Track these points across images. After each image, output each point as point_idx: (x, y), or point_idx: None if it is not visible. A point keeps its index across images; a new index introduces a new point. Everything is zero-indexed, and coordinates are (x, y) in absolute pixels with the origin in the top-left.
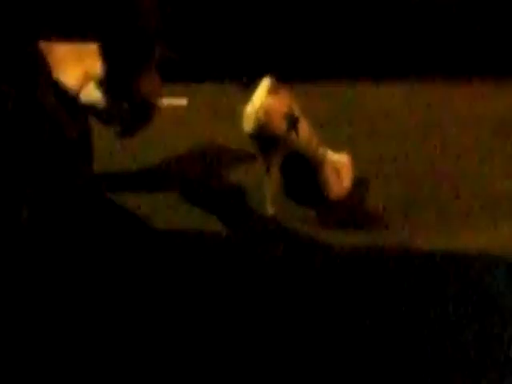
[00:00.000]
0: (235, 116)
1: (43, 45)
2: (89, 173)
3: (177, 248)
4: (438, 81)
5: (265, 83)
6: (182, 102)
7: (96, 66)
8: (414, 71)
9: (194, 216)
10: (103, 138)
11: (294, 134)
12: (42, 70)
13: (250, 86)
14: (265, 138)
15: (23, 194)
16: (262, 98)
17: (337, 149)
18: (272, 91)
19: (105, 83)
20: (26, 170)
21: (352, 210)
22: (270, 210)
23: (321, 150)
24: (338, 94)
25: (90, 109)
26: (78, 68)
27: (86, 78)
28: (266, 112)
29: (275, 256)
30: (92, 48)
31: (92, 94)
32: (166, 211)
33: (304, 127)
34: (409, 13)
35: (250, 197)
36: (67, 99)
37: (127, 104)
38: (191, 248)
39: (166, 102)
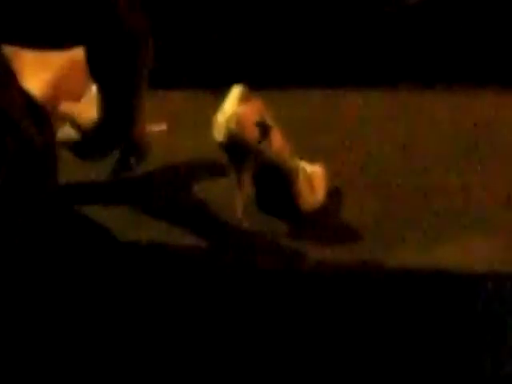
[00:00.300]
0: (204, 125)
1: (8, 49)
2: (54, 184)
3: (146, 263)
4: (416, 89)
5: (236, 91)
6: (163, 127)
7: (62, 78)
8: (391, 79)
9: (162, 230)
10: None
11: (266, 144)
12: (6, 75)
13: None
14: (236, 147)
15: None
16: (233, 106)
17: (310, 159)
18: (243, 99)
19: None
20: None
21: (325, 223)
22: (243, 222)
23: (294, 161)
24: (312, 101)
25: (66, 144)
26: (43, 77)
27: (53, 88)
28: (238, 121)
29: (248, 269)
30: (58, 58)
31: (69, 133)
32: (135, 225)
33: (276, 136)
34: (385, 19)
35: (220, 209)
36: (33, 107)
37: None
38: (160, 263)
39: (147, 128)
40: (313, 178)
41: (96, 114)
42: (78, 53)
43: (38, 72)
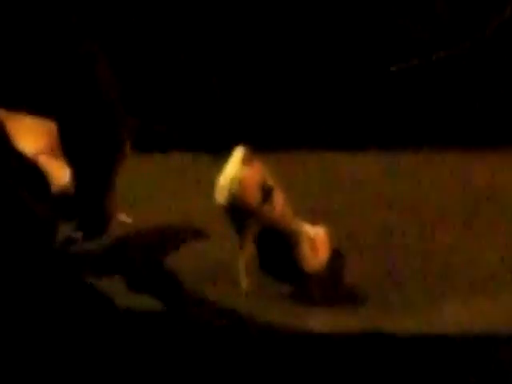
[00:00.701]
0: (206, 187)
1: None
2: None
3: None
4: (416, 149)
5: (238, 153)
6: (128, 219)
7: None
8: (391, 140)
9: (162, 293)
10: None
11: (268, 206)
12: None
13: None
14: (239, 209)
15: None
16: (235, 168)
17: (312, 221)
18: (245, 161)
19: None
20: None
21: (328, 285)
22: (244, 285)
23: (296, 222)
24: (313, 163)
25: None
26: (37, 141)
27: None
28: (240, 183)
29: (249, 335)
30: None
31: None
32: (132, 290)
33: (279, 198)
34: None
35: (222, 272)
36: (28, 169)
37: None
38: (159, 329)
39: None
40: (315, 240)
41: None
42: None
43: (34, 135)
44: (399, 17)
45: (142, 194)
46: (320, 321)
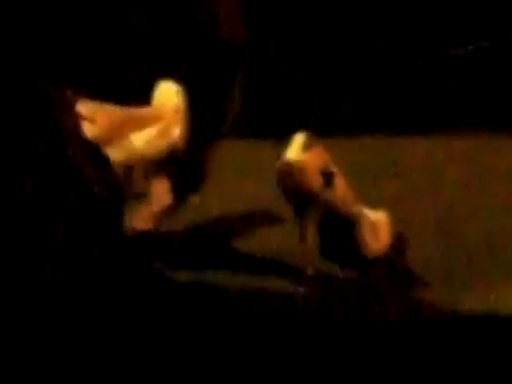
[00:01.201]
0: (267, 174)
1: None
2: (118, 229)
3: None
4: (479, 134)
5: (299, 139)
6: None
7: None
8: (454, 124)
9: (225, 277)
10: None
11: (329, 191)
12: (70, 126)
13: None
14: (300, 195)
15: (49, 249)
16: (296, 153)
17: (374, 206)
18: (307, 147)
19: None
20: (52, 226)
21: (390, 269)
22: (306, 269)
23: (357, 207)
24: (375, 148)
25: None
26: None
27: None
28: (301, 168)
29: (313, 317)
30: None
31: None
32: (197, 272)
33: (340, 183)
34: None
35: (285, 257)
36: (98, 156)
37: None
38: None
39: None
40: (377, 225)
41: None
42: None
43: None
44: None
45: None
46: (381, 305)
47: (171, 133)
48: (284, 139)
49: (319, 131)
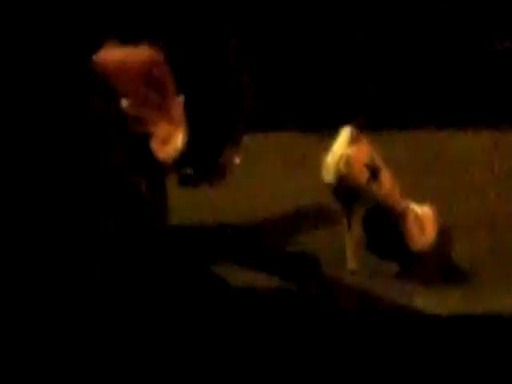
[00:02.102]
0: (311, 167)
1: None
2: (162, 229)
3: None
4: None
5: (345, 132)
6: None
7: None
8: (499, 117)
9: (267, 271)
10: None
11: (375, 185)
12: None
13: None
14: (346, 189)
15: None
16: (342, 147)
17: (419, 200)
18: (353, 140)
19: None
20: (97, 228)
21: (436, 264)
22: (352, 264)
23: (403, 202)
24: (420, 142)
25: None
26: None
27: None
28: (347, 162)
29: (355, 314)
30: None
31: None
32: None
33: (386, 178)
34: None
35: (329, 252)
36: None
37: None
38: (264, 303)
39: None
40: (422, 219)
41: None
42: None
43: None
44: None
45: (250, 172)
46: (426, 300)
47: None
48: (330, 133)
49: (365, 125)
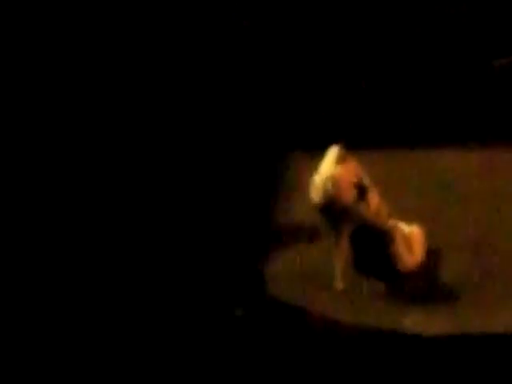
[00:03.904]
0: (300, 187)
1: None
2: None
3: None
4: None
5: (332, 152)
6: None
7: None
8: (488, 136)
9: (257, 291)
10: None
11: (363, 205)
12: None
13: None
14: (334, 209)
15: None
16: (330, 167)
17: (407, 219)
18: (340, 160)
19: None
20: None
21: (424, 284)
22: (339, 284)
23: (391, 221)
24: (408, 161)
25: None
26: None
27: None
28: (335, 182)
29: (342, 334)
30: None
31: None
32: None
33: (374, 197)
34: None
35: (318, 271)
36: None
37: None
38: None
39: None
40: (410, 239)
41: None
42: None
43: None
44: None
45: None
46: (414, 320)
47: None
48: (318, 153)
49: (352, 145)
